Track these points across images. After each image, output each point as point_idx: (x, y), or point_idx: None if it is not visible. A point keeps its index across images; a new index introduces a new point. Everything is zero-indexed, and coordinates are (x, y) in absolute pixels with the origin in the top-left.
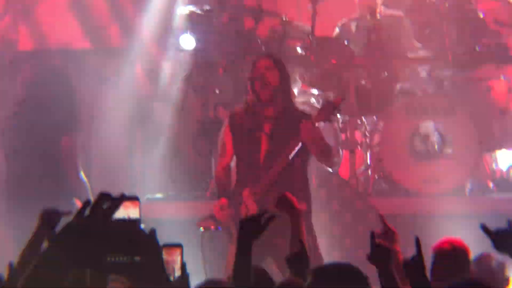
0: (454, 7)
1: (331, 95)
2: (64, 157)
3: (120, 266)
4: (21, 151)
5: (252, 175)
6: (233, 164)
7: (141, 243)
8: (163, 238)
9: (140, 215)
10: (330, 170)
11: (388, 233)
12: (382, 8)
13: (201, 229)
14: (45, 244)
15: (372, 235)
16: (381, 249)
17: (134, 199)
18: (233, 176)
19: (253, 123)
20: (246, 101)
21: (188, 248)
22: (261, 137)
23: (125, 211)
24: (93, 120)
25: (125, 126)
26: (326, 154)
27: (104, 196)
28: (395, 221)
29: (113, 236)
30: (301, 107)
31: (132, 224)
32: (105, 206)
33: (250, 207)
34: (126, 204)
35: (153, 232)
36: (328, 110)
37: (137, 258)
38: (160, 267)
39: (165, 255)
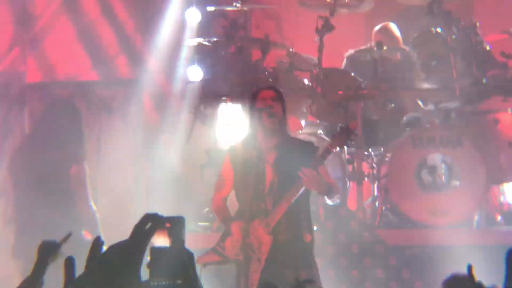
0: (461, 39)
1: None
2: (73, 187)
3: None
4: (29, 181)
5: (257, 206)
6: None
7: (181, 267)
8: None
9: (184, 236)
10: (330, 202)
11: None
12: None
13: (201, 265)
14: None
15: None
16: None
17: (178, 218)
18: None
19: (255, 154)
20: (249, 133)
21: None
22: (264, 168)
23: (160, 238)
24: (100, 150)
25: (132, 156)
26: (328, 194)
27: (148, 217)
28: (402, 252)
29: (155, 261)
30: (302, 137)
31: (175, 248)
32: (147, 226)
33: (263, 240)
34: (160, 232)
35: (191, 256)
36: (344, 135)
37: (178, 282)
38: None
39: None
